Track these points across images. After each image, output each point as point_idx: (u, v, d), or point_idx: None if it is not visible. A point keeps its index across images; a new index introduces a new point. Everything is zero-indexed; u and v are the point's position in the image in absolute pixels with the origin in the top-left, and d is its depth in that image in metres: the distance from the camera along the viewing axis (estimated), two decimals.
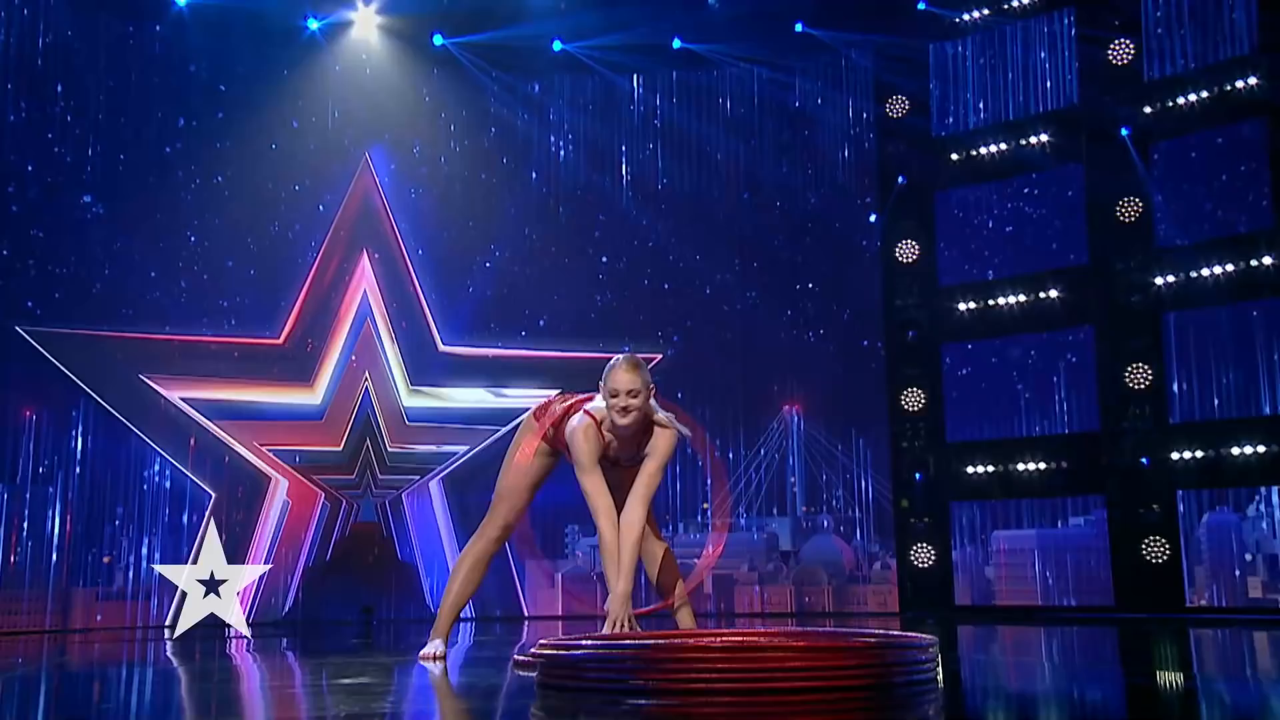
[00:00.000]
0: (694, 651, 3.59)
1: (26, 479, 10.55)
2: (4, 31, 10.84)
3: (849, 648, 3.76)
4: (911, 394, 11.78)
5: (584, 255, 12.88)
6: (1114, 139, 11.11)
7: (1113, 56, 11.22)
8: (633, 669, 3.62)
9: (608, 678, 3.66)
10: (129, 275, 11.17)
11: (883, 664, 3.72)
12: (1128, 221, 10.99)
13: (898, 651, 3.81)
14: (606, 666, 3.70)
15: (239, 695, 4.84)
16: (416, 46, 12.62)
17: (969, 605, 11.42)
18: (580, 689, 3.70)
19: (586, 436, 4.37)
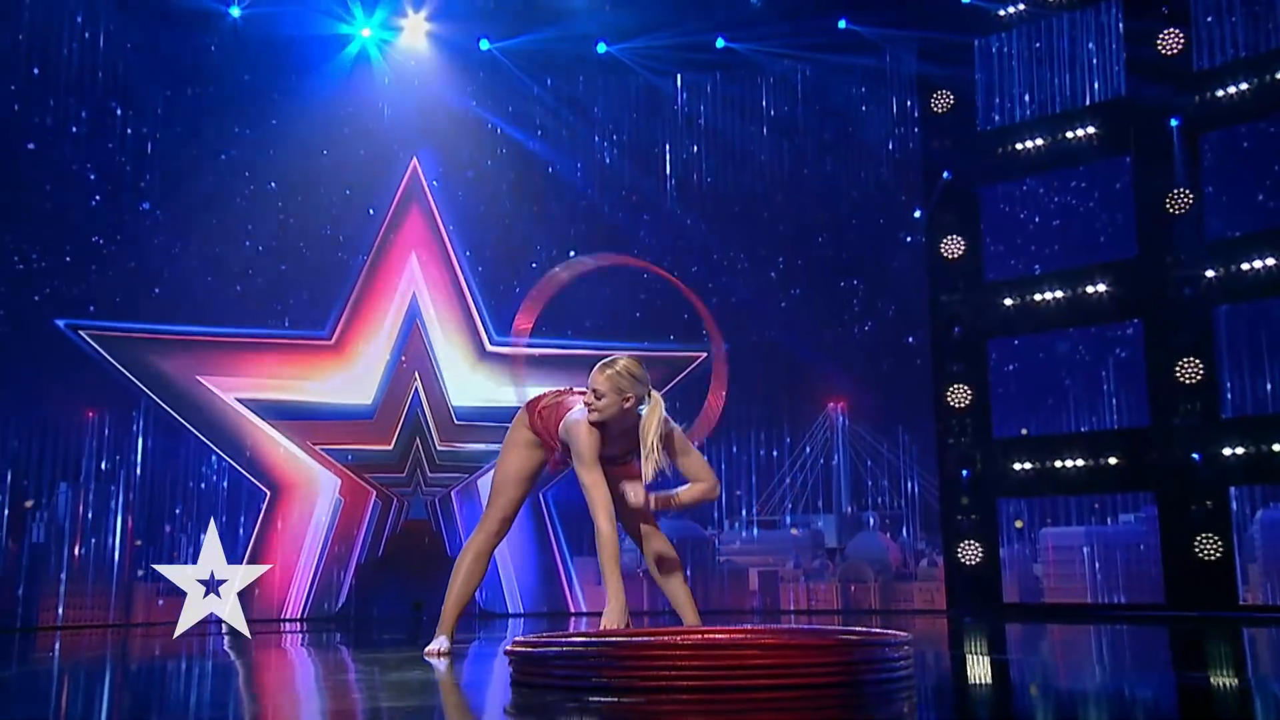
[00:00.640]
0: (658, 649, 3.58)
1: (89, 478, 10.75)
2: (65, 44, 11.04)
3: (814, 645, 3.72)
4: (957, 390, 11.58)
5: (628, 254, 12.83)
6: (1163, 130, 10.84)
7: (1161, 47, 10.95)
8: (598, 666, 3.60)
9: (574, 675, 3.65)
10: (186, 279, 11.32)
11: (850, 662, 3.66)
12: (1177, 213, 10.71)
13: (866, 649, 3.76)
14: (573, 664, 3.69)
15: (280, 687, 4.88)
16: (463, 51, 12.69)
17: (1017, 603, 11.21)
18: (549, 686, 3.70)
19: (591, 433, 4.35)
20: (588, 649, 3.70)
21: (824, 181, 12.84)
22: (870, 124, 12.79)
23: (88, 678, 5.47)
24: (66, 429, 10.71)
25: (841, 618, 11.29)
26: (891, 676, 3.75)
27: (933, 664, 5.56)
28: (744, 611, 11.75)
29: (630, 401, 4.39)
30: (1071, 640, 7.62)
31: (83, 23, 11.17)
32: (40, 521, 10.48)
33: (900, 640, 3.86)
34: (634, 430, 4.44)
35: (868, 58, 12.62)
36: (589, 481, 4.30)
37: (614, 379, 4.39)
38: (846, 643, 3.78)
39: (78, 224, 11.01)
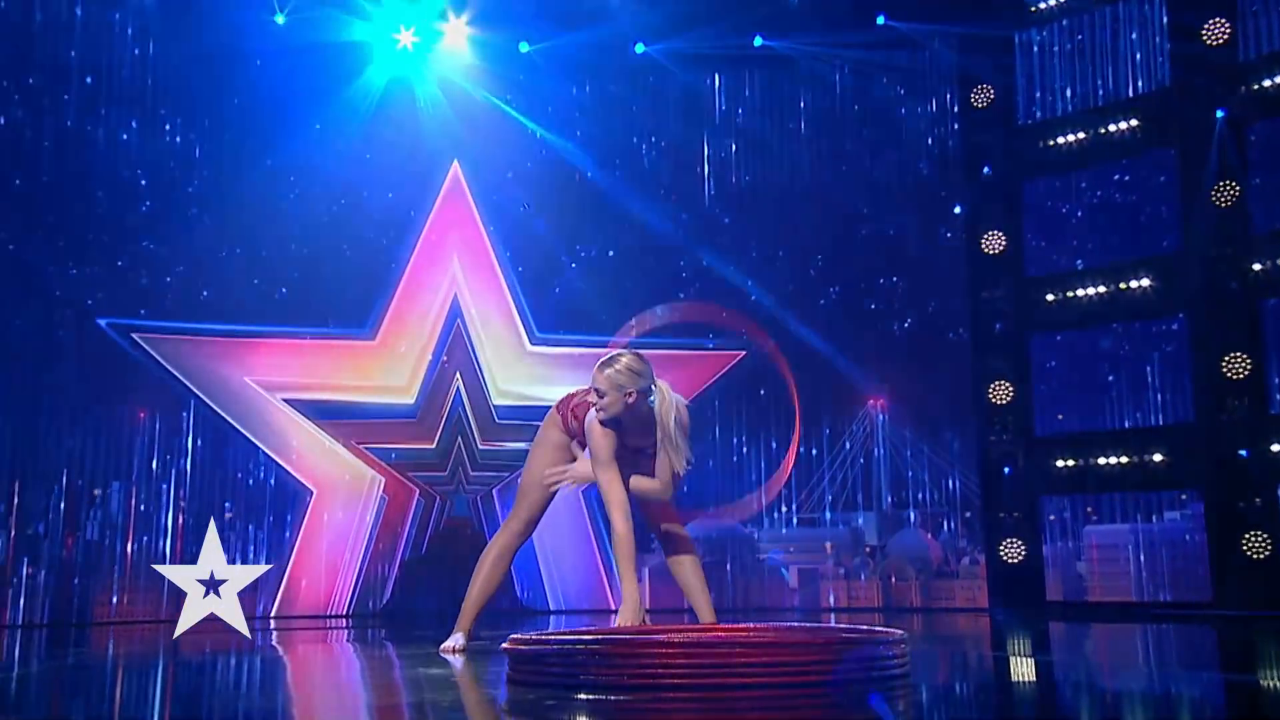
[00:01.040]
0: (649, 648, 3.58)
1: (141, 477, 10.96)
2: (116, 55, 11.25)
3: (803, 644, 3.72)
4: (999, 387, 11.41)
5: (667, 254, 12.84)
6: (1208, 122, 10.59)
7: (1207, 37, 10.69)
8: (590, 664, 3.61)
9: (567, 673, 3.67)
10: (233, 282, 11.50)
11: (841, 660, 3.65)
12: (1223, 206, 10.46)
13: (858, 647, 3.74)
14: (565, 661, 3.71)
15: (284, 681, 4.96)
16: (502, 55, 12.75)
17: (1060, 601, 11.02)
18: (543, 684, 3.72)
19: (607, 433, 4.39)
20: (579, 647, 3.72)
21: (863, 178, 12.72)
22: (909, 120, 12.66)
23: (143, 672, 5.60)
24: (119, 429, 10.93)
25: (882, 615, 11.19)
26: (884, 675, 3.73)
27: (975, 664, 5.49)
28: (785, 610, 11.69)
29: (634, 397, 4.39)
30: (1114, 638, 7.50)
31: (132, 34, 11.38)
32: (94, 519, 10.70)
33: (894, 639, 3.84)
34: (650, 421, 4.43)
35: (906, 54, 12.49)
36: (604, 481, 4.34)
37: (613, 377, 4.41)
38: (836, 641, 3.77)
39: (129, 229, 11.22)
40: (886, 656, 3.77)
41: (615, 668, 3.56)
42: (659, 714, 3.34)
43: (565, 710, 3.44)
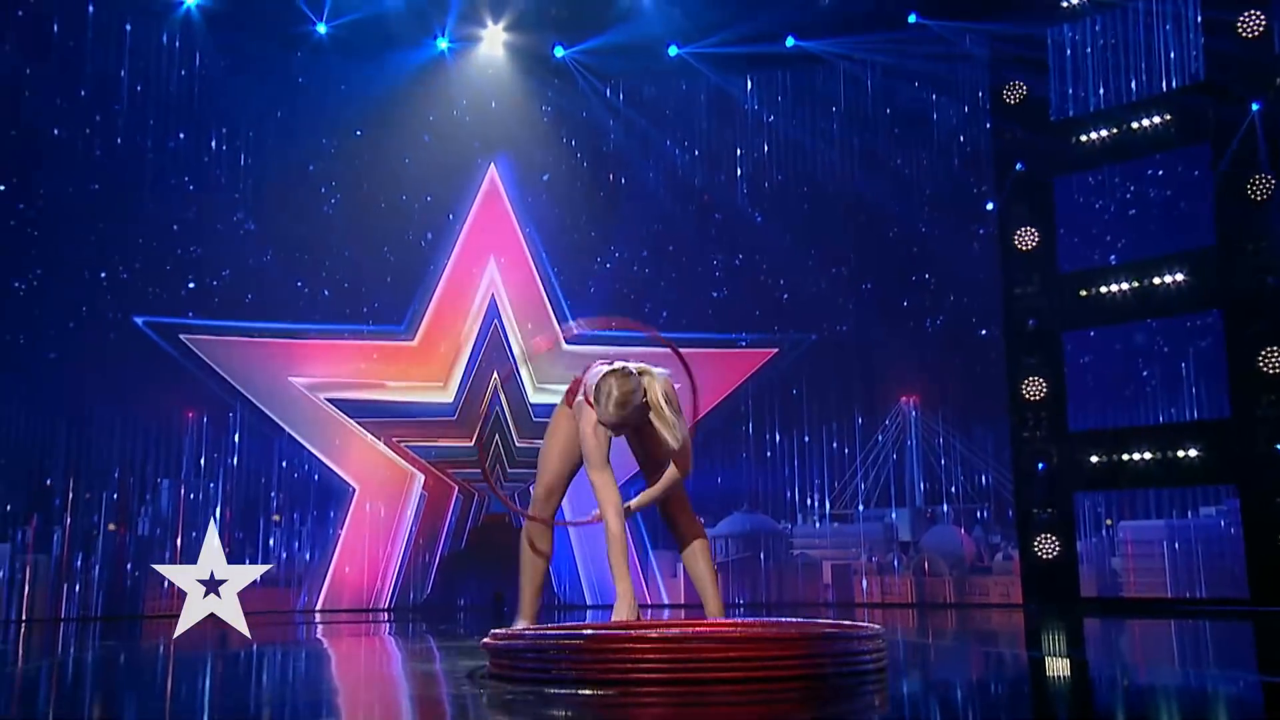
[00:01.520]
0: (619, 643, 3.58)
1: (189, 474, 11.17)
2: (163, 64, 11.47)
3: (775, 639, 3.69)
4: (1032, 383, 11.29)
5: (700, 253, 12.85)
6: (1243, 115, 10.39)
7: (1242, 29, 10.49)
8: (561, 659, 3.62)
9: (539, 667, 3.68)
10: (277, 285, 11.68)
11: (815, 655, 3.63)
12: (1259, 200, 10.26)
13: (832, 643, 3.72)
14: (541, 657, 3.72)
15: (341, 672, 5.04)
16: (538, 59, 12.83)
17: (1095, 597, 10.88)
18: (517, 678, 3.75)
19: (596, 434, 4.29)
20: (551, 643, 3.75)
21: (895, 176, 12.63)
22: (941, 118, 12.54)
23: (194, 662, 5.74)
24: (167, 428, 11.16)
25: (916, 611, 11.11)
26: (857, 670, 3.71)
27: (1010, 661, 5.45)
28: (819, 604, 11.65)
29: (628, 407, 4.22)
30: (1151, 634, 7.39)
31: (179, 48, 11.60)
32: (145, 515, 10.93)
33: (869, 634, 3.81)
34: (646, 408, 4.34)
35: (938, 52, 12.36)
36: (599, 482, 4.28)
37: (615, 411, 4.21)
38: (808, 636, 3.74)
39: (176, 235, 11.44)
40: (859, 651, 3.75)
41: (585, 663, 3.58)
42: (628, 708, 3.35)
43: (537, 705, 3.47)
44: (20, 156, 10.80)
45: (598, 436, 4.26)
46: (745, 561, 11.95)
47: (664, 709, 3.36)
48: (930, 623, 8.88)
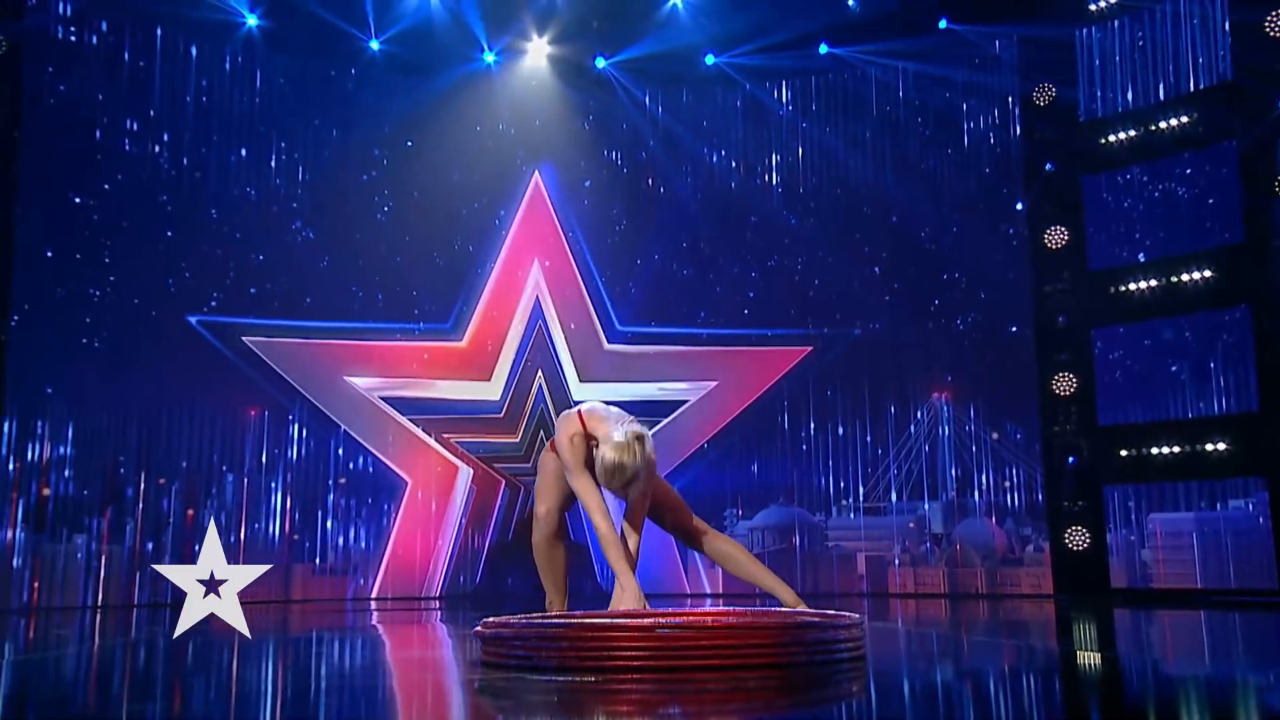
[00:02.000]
0: (602, 631, 3.62)
1: (252, 469, 11.54)
2: (226, 82, 11.85)
3: (752, 627, 3.68)
4: (1062, 379, 11.26)
5: (736, 254, 12.95)
6: (1270, 112, 10.26)
7: (1270, 28, 10.36)
8: (546, 647, 3.66)
9: (527, 655, 3.72)
10: (333, 290, 12.01)
11: (788, 643, 3.63)
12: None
13: (806, 631, 3.72)
14: (526, 645, 3.76)
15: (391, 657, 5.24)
16: (579, 70, 13.03)
17: (1125, 588, 10.82)
18: (508, 665, 3.80)
19: (573, 444, 4.37)
20: (538, 631, 3.77)
21: (925, 177, 12.61)
22: (971, 120, 12.50)
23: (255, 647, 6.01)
24: (232, 425, 11.54)
25: (948, 601, 11.13)
26: (832, 658, 3.73)
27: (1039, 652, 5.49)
28: (853, 595, 11.71)
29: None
30: (1182, 625, 7.35)
31: (241, 62, 11.97)
32: (211, 508, 11.31)
33: (846, 623, 3.83)
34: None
35: (968, 55, 12.34)
36: (580, 488, 4.34)
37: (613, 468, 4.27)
38: (781, 626, 3.72)
39: (240, 243, 11.81)
40: (837, 640, 3.76)
41: (567, 650, 3.62)
42: (611, 694, 3.39)
43: (521, 690, 3.52)
44: (97, 172, 11.25)
45: (574, 445, 4.34)
46: (781, 553, 12.04)
47: (642, 695, 3.37)
48: (967, 614, 8.90)
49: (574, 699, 3.37)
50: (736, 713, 3.17)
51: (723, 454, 12.60)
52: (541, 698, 3.42)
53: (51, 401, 10.74)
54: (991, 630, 7.20)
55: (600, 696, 3.38)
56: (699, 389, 12.53)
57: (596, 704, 3.31)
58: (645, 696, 3.36)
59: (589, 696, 3.39)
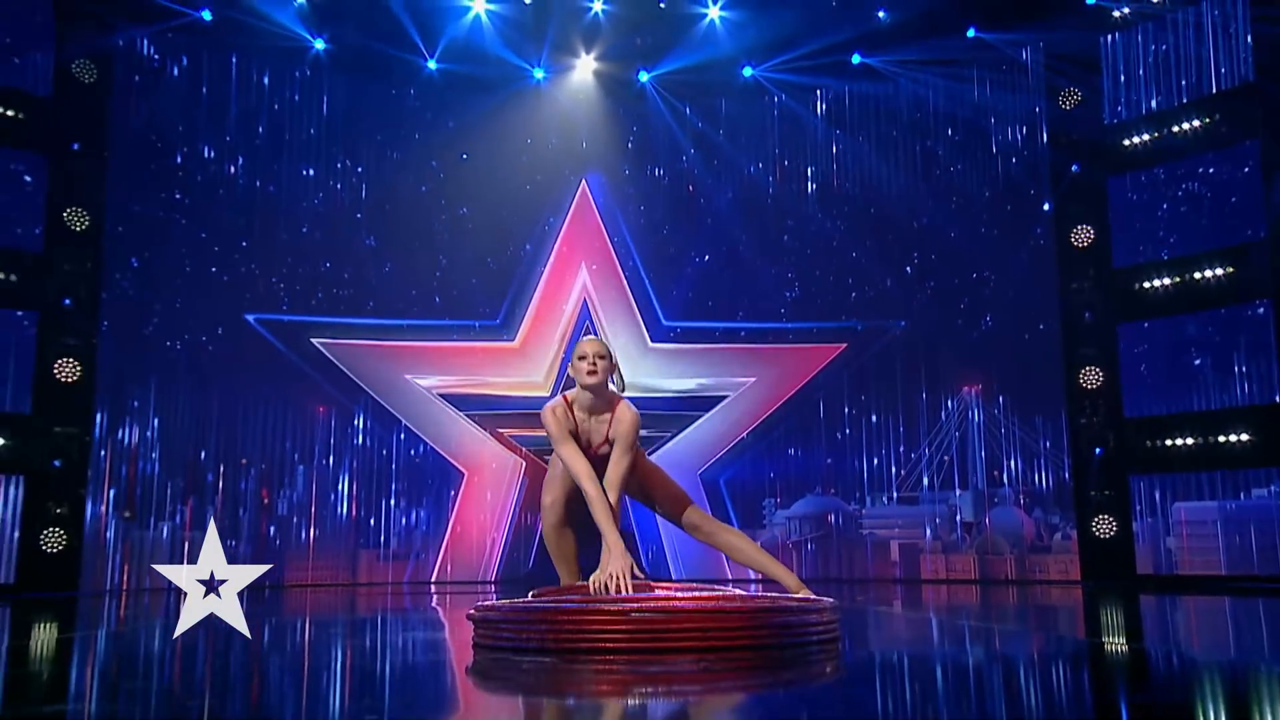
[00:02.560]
0: (583, 615, 3.65)
1: (322, 461, 11.98)
2: (295, 102, 12.30)
3: (726, 610, 3.69)
4: (1089, 373, 11.27)
5: (774, 257, 13.10)
6: None
7: None
8: (531, 630, 3.69)
9: (514, 638, 3.76)
10: (395, 295, 12.42)
11: (763, 627, 3.63)
12: None
13: (780, 615, 3.71)
14: (513, 628, 3.80)
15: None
16: (623, 84, 13.27)
17: (1151, 574, 10.80)
18: (496, 646, 3.84)
19: (555, 414, 4.43)
20: (525, 615, 3.82)
21: (955, 180, 12.67)
22: (999, 124, 12.53)
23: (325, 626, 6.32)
24: (303, 422, 12.00)
25: (978, 587, 11.18)
26: (806, 641, 3.73)
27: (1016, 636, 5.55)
28: (886, 580, 11.81)
29: (613, 369, 4.47)
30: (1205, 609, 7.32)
31: (309, 84, 12.42)
32: (284, 498, 11.77)
33: (818, 607, 3.82)
34: (603, 410, 4.48)
35: (996, 62, 12.37)
36: (566, 456, 4.37)
37: (610, 351, 4.47)
38: (754, 609, 3.72)
39: (308, 252, 12.26)
40: (810, 624, 3.75)
41: (550, 633, 3.66)
42: (591, 675, 3.41)
43: (507, 670, 3.58)
44: (178, 187, 11.77)
45: (556, 416, 4.40)
46: (819, 540, 12.19)
47: (621, 675, 3.39)
48: (996, 599, 8.94)
49: (551, 679, 3.41)
50: (706, 692, 3.19)
51: (761, 446, 12.78)
52: (523, 678, 3.46)
53: (137, 399, 11.28)
54: (991, 615, 7.23)
55: (582, 676, 3.43)
56: (738, 385, 12.73)
57: (571, 683, 3.34)
58: (619, 677, 3.38)
59: (565, 677, 3.43)
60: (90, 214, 10.78)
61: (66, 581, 10.30)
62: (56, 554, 10.28)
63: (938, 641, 5.15)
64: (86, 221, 10.76)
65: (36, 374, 10.42)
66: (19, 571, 10.10)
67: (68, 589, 10.22)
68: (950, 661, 4.12)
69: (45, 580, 10.11)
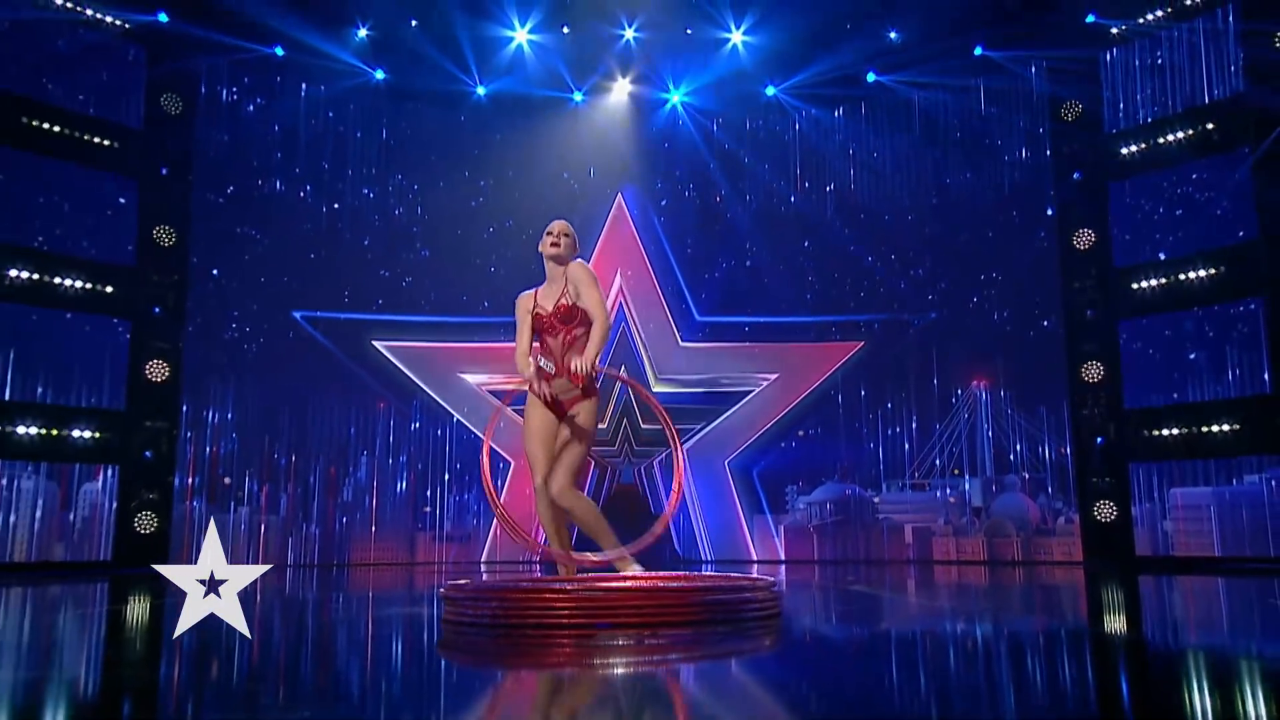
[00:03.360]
0: (538, 593, 3.79)
1: (383, 451, 12.50)
2: (354, 127, 12.85)
3: (666, 589, 3.83)
4: (1091, 367, 11.36)
5: (795, 263, 13.33)
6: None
7: (1279, 42, 10.30)
8: (492, 607, 3.83)
9: (478, 614, 3.88)
10: (447, 301, 12.88)
11: (699, 604, 3.75)
12: None
13: (716, 594, 3.82)
14: (476, 605, 3.93)
15: None
16: (655, 103, 13.62)
17: (1149, 555, 10.87)
18: (463, 622, 3.97)
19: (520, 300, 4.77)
20: (486, 593, 3.97)
21: (964, 188, 12.79)
22: (1005, 135, 12.64)
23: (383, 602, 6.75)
24: (364, 414, 12.53)
25: (987, 568, 11.31)
26: (743, 617, 3.84)
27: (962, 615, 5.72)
28: (901, 561, 11.99)
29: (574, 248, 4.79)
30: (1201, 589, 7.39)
31: (369, 111, 12.96)
32: (348, 485, 12.31)
33: (755, 586, 3.96)
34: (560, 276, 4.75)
35: (1002, 79, 12.48)
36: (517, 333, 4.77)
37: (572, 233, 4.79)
38: (694, 588, 3.86)
39: (369, 264, 12.79)
40: (749, 600, 3.87)
41: (509, 610, 3.79)
42: (544, 648, 3.55)
43: (471, 641, 3.70)
44: (253, 206, 12.39)
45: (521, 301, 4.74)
46: (838, 524, 12.41)
47: (571, 648, 3.51)
48: (1001, 579, 9.05)
49: (515, 650, 3.54)
50: (643, 663, 3.28)
51: (784, 437, 13.03)
52: (488, 650, 3.58)
53: (217, 396, 11.90)
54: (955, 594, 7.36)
55: (538, 647, 3.56)
56: (762, 380, 13.00)
57: (520, 656, 3.45)
58: (576, 649, 3.50)
59: (529, 647, 3.55)
60: (176, 231, 11.44)
61: (158, 558, 10.93)
62: (148, 534, 10.93)
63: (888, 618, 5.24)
64: (173, 238, 11.41)
65: (130, 374, 11.09)
66: (115, 550, 10.77)
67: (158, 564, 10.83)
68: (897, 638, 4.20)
69: (138, 557, 10.76)
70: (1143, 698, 2.73)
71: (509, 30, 12.64)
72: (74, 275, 10.78)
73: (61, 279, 10.69)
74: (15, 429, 10.35)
